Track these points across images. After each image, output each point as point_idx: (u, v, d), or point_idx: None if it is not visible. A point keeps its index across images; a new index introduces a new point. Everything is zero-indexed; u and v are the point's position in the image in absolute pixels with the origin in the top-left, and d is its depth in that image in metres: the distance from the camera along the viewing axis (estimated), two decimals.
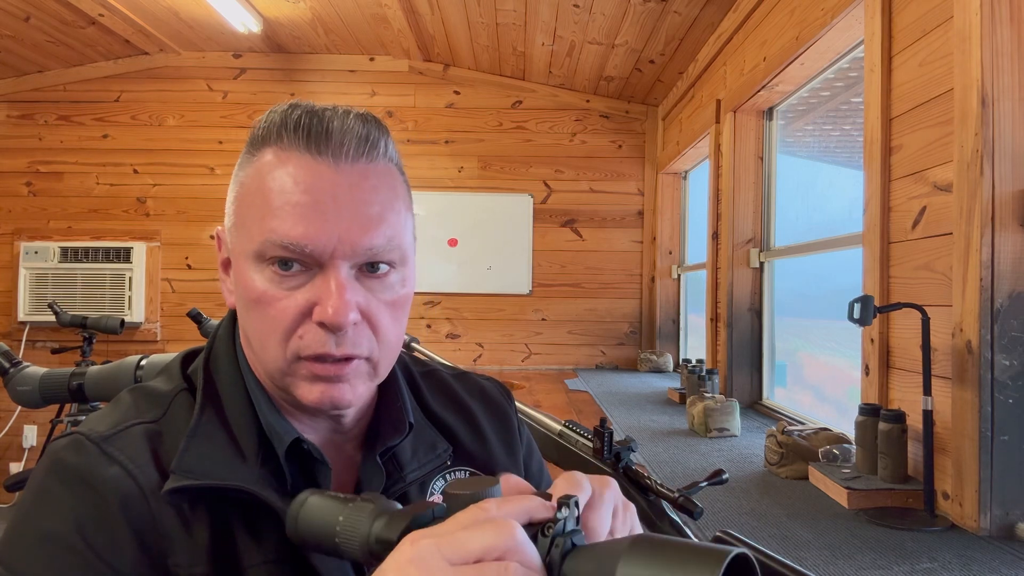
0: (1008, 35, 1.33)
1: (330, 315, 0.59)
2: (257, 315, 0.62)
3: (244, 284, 0.63)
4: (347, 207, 0.60)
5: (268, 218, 0.60)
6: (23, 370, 1.53)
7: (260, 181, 0.62)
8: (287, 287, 0.61)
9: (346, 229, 0.60)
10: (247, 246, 0.62)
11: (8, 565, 0.56)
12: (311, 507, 0.51)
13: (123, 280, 4.18)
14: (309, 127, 0.61)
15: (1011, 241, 1.32)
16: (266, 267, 0.61)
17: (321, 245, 0.59)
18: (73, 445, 0.60)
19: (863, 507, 1.46)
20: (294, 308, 0.60)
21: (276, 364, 0.62)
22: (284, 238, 0.59)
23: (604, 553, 0.43)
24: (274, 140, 0.63)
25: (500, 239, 4.29)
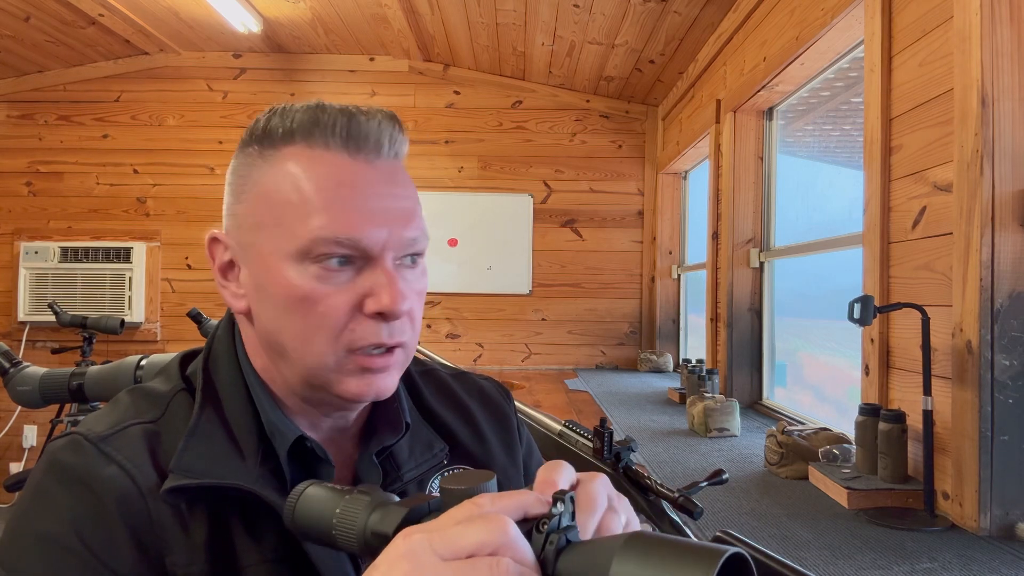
0: (1008, 35, 1.33)
1: (388, 303, 0.60)
2: (299, 314, 0.62)
3: (282, 284, 0.62)
4: (388, 202, 0.63)
5: (314, 215, 0.60)
6: (23, 370, 1.53)
7: (295, 179, 0.62)
8: (334, 283, 0.61)
9: (393, 223, 0.62)
10: (286, 245, 0.61)
11: (6, 565, 0.56)
12: (309, 498, 0.52)
13: (123, 280, 4.18)
14: (347, 128, 0.62)
15: (1011, 241, 1.32)
16: (310, 265, 0.61)
17: (374, 239, 0.61)
18: (71, 445, 0.61)
19: (863, 507, 1.46)
20: (345, 303, 0.61)
21: (322, 360, 0.62)
22: (338, 233, 0.60)
23: (599, 550, 0.43)
24: (302, 139, 0.63)
25: (500, 239, 4.29)
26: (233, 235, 0.66)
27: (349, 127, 0.62)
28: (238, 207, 0.66)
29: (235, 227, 0.66)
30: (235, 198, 0.66)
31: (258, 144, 0.65)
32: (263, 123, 0.65)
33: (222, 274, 0.68)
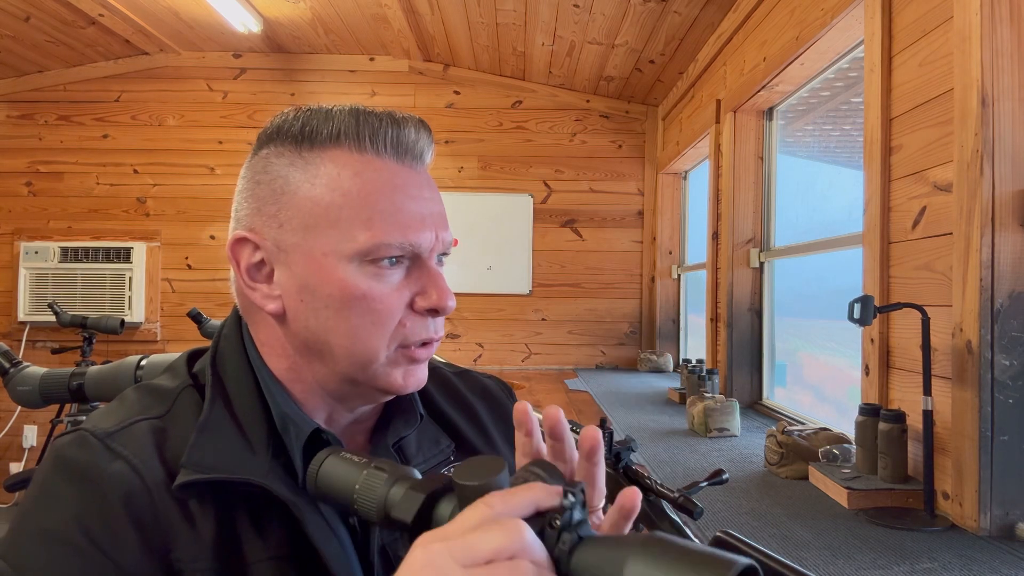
0: (1008, 35, 1.33)
1: (439, 301, 0.65)
2: (355, 312, 0.64)
3: (334, 283, 0.64)
4: (432, 208, 0.67)
5: (378, 220, 0.64)
6: (23, 370, 1.53)
7: (351, 184, 0.64)
8: (389, 282, 0.65)
9: (437, 226, 0.67)
10: (345, 246, 0.63)
11: (12, 562, 0.56)
12: (329, 468, 0.55)
13: (123, 280, 4.18)
14: (396, 137, 0.66)
15: (1011, 241, 1.32)
16: (369, 266, 0.64)
17: (425, 241, 0.65)
18: (77, 441, 0.61)
19: (863, 507, 1.46)
20: (400, 301, 0.65)
21: (375, 355, 0.65)
22: (402, 239, 0.64)
23: (613, 548, 0.43)
24: (348, 142, 0.65)
25: (500, 239, 4.29)
26: (268, 236, 0.66)
27: (398, 135, 0.66)
28: (273, 207, 0.65)
29: (271, 228, 0.65)
30: (272, 197, 0.65)
31: (294, 144, 0.65)
32: (300, 124, 0.66)
33: (250, 275, 0.67)
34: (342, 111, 0.66)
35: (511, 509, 0.44)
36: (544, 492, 0.46)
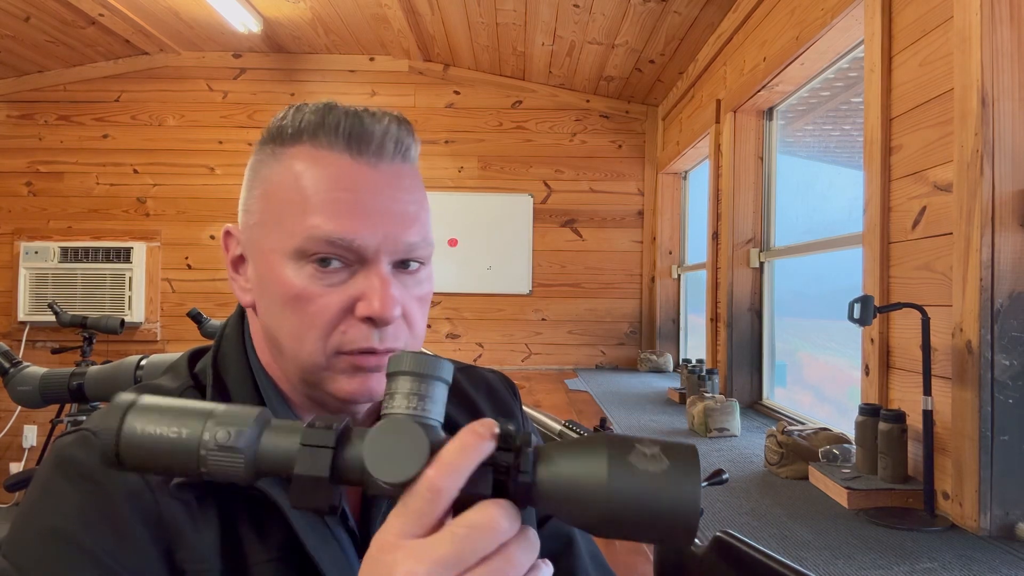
0: (1008, 35, 1.33)
1: (378, 309, 0.60)
2: (293, 312, 0.62)
3: (278, 281, 0.63)
4: (388, 205, 0.62)
5: (311, 215, 0.61)
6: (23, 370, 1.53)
7: (297, 179, 0.62)
8: (328, 283, 0.62)
9: (389, 226, 0.62)
10: (284, 243, 0.62)
11: (14, 561, 0.56)
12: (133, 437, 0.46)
13: (123, 280, 4.18)
14: (351, 129, 0.63)
15: (1011, 241, 1.32)
16: (305, 264, 0.62)
17: (367, 240, 0.61)
18: (80, 441, 0.60)
19: (863, 507, 1.46)
20: (336, 304, 0.62)
21: (313, 359, 0.63)
22: (331, 234, 0.60)
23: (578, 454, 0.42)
24: (308, 139, 0.63)
25: (500, 239, 4.29)
26: (243, 230, 0.67)
27: (352, 127, 0.63)
28: (249, 203, 0.67)
29: (245, 223, 0.67)
30: (247, 193, 0.67)
31: (271, 142, 0.66)
32: (278, 121, 0.66)
33: (233, 267, 0.69)
34: (313, 107, 0.65)
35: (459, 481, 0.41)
36: (474, 436, 0.42)
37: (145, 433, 0.45)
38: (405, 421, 0.43)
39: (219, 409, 0.45)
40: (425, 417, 0.44)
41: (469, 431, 0.43)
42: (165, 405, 0.46)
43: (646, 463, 0.41)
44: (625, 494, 0.41)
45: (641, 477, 0.41)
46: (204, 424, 0.44)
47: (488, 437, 0.43)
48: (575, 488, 0.41)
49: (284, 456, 0.44)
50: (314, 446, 0.43)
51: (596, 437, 0.43)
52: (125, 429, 0.45)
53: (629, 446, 0.42)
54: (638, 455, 0.42)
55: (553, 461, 0.43)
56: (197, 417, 0.45)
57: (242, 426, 0.44)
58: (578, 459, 0.42)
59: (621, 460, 0.41)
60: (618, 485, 0.41)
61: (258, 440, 0.44)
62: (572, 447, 0.43)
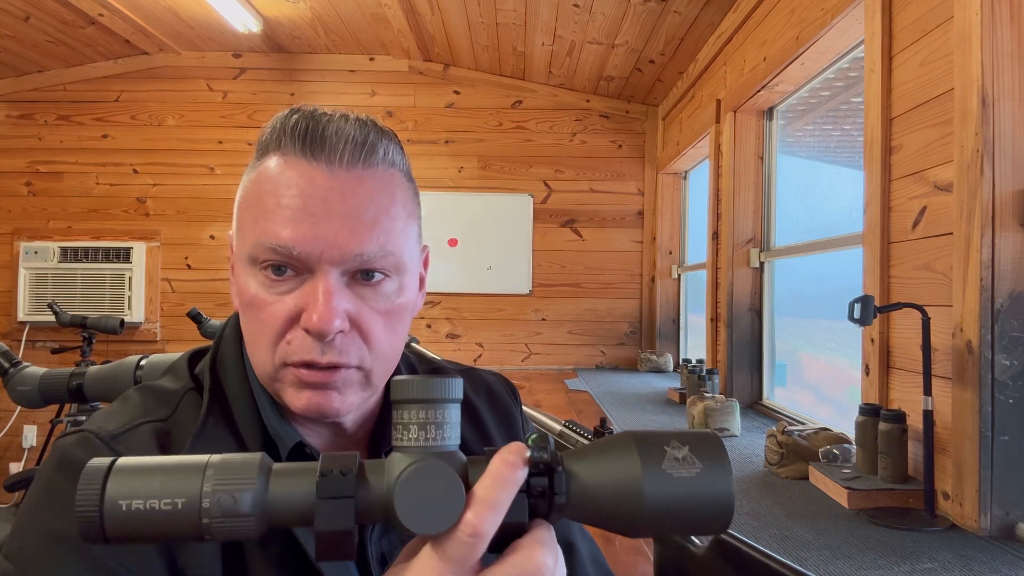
0: (1008, 35, 1.33)
1: (315, 322, 0.58)
2: (249, 318, 0.63)
3: (240, 287, 0.63)
4: (338, 212, 0.59)
5: (260, 221, 0.60)
6: (23, 370, 1.53)
7: (258, 186, 0.62)
8: (278, 291, 0.60)
9: (335, 234, 0.59)
10: (243, 249, 0.63)
11: (16, 562, 0.56)
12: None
13: (123, 280, 4.18)
14: (305, 131, 0.60)
15: (1011, 241, 1.32)
16: (259, 271, 0.61)
17: (308, 249, 0.58)
18: (82, 443, 0.60)
19: (863, 507, 1.46)
20: (283, 313, 0.60)
21: (265, 368, 0.62)
22: (273, 240, 0.59)
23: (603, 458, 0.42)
24: (275, 147, 0.63)
25: (500, 239, 4.29)
26: (232, 236, 0.68)
27: (307, 130, 0.61)
28: (234, 211, 0.67)
29: (232, 229, 0.68)
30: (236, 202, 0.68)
31: (256, 151, 0.66)
32: (263, 130, 0.66)
33: (231, 271, 0.70)
34: (284, 113, 0.64)
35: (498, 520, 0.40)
36: (508, 467, 0.41)
37: (134, 509, 0.40)
38: (434, 465, 0.41)
39: (212, 467, 0.41)
40: (443, 446, 0.43)
41: (502, 462, 0.41)
42: (148, 467, 0.41)
43: (679, 468, 0.41)
44: (661, 502, 0.41)
45: (676, 484, 0.41)
46: (200, 488, 0.40)
47: (521, 465, 0.41)
48: (611, 502, 0.41)
49: (298, 508, 0.41)
50: (334, 498, 0.41)
51: (624, 442, 0.42)
52: (108, 505, 0.40)
53: (660, 452, 0.42)
54: (670, 461, 0.41)
55: (586, 476, 0.42)
56: (190, 480, 0.40)
57: (245, 484, 0.40)
58: (611, 472, 0.42)
59: (655, 469, 0.41)
60: (654, 494, 0.41)
61: (265, 495, 0.41)
62: (602, 458, 0.42)
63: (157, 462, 0.41)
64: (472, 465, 0.43)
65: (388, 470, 0.42)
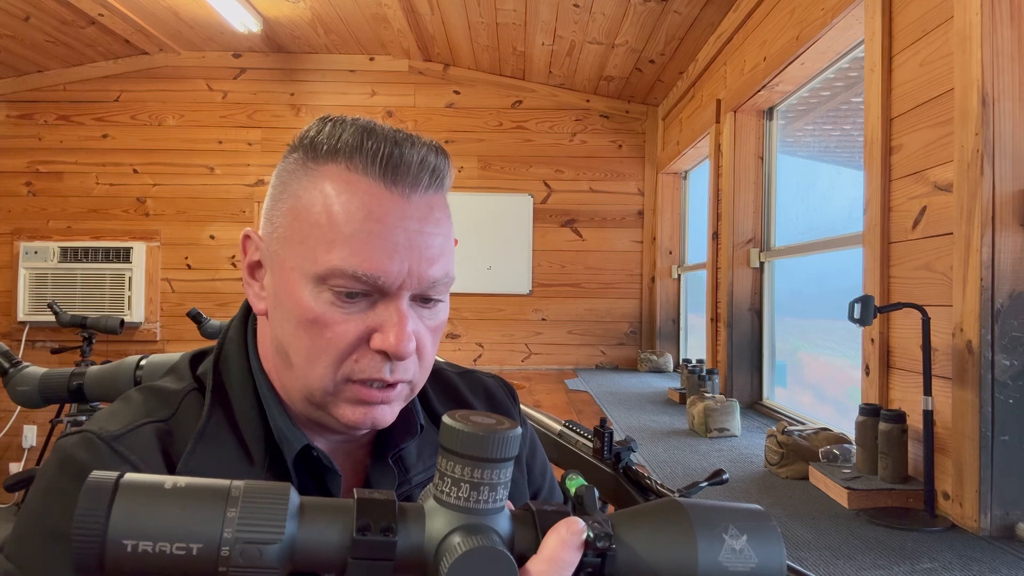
0: (1008, 35, 1.33)
1: (393, 344, 0.59)
2: (309, 334, 0.61)
3: (295, 301, 0.61)
4: (416, 241, 0.61)
5: (339, 245, 0.59)
6: (23, 370, 1.53)
7: (328, 202, 0.60)
8: (346, 312, 0.60)
9: (415, 263, 0.60)
10: (307, 266, 0.60)
11: (18, 562, 0.56)
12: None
13: (123, 280, 4.18)
14: (388, 157, 0.60)
15: (1011, 241, 1.32)
16: (327, 290, 0.60)
17: (392, 278, 0.59)
18: (83, 443, 0.60)
19: (863, 507, 1.46)
20: (354, 333, 0.60)
21: (322, 384, 0.62)
22: (358, 269, 0.59)
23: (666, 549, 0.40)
24: (343, 160, 0.61)
25: (500, 239, 4.29)
26: (265, 239, 0.66)
27: (391, 156, 0.60)
28: (274, 213, 0.65)
29: (268, 233, 0.65)
30: (273, 203, 0.65)
31: (303, 153, 0.63)
32: (313, 133, 0.63)
33: (250, 272, 0.68)
34: (353, 125, 0.63)
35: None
36: (566, 550, 0.40)
37: (140, 552, 0.34)
38: (490, 550, 0.38)
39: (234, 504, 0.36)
40: (491, 509, 0.40)
41: (560, 543, 0.40)
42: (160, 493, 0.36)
43: (736, 561, 0.40)
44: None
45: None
46: (220, 533, 0.35)
47: (577, 547, 0.40)
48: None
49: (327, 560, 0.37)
50: (370, 559, 0.37)
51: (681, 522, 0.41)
52: (111, 542, 0.34)
53: (719, 540, 0.40)
54: (728, 552, 0.40)
55: (639, 559, 0.40)
56: (209, 521, 0.35)
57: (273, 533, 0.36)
58: (666, 556, 0.40)
59: (712, 561, 0.40)
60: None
61: (294, 543, 0.37)
62: (658, 537, 0.40)
63: (170, 487, 0.36)
64: (519, 529, 0.41)
65: (429, 525, 0.39)
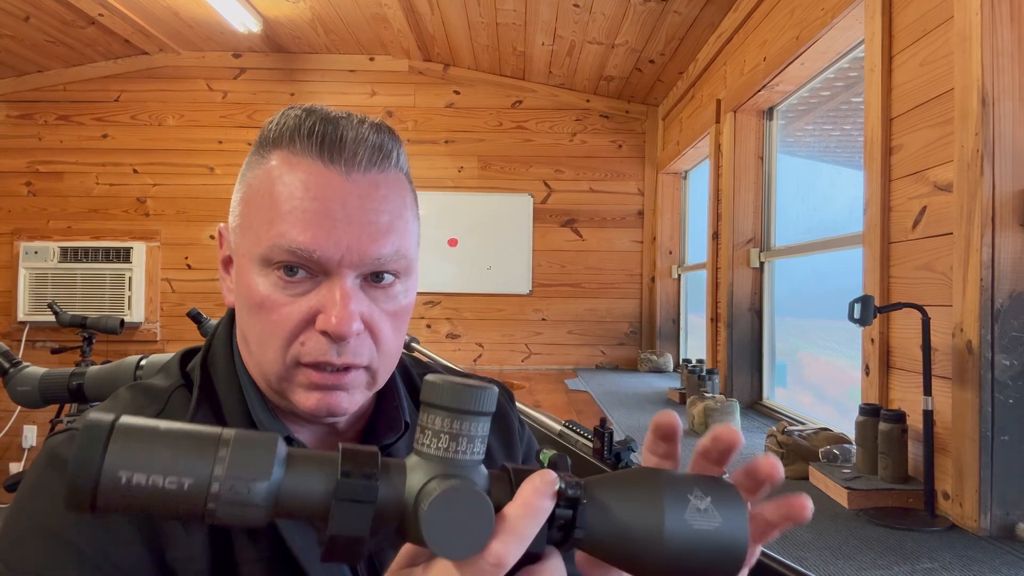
0: (1008, 35, 1.33)
1: (334, 324, 0.58)
2: (258, 319, 0.62)
3: (247, 286, 0.62)
4: (357, 216, 0.60)
5: (277, 222, 0.60)
6: (23, 370, 1.53)
7: (269, 185, 0.61)
8: (291, 293, 0.60)
9: (355, 238, 0.59)
10: (253, 249, 0.62)
11: (6, 559, 0.56)
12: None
13: (123, 280, 4.18)
14: (323, 134, 0.60)
15: (1011, 241, 1.32)
16: (271, 272, 0.61)
17: (329, 252, 0.59)
18: (71, 441, 0.61)
19: (863, 507, 1.46)
20: (297, 315, 0.60)
21: (274, 368, 0.62)
22: (292, 243, 0.59)
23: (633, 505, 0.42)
24: (286, 144, 0.62)
25: (500, 239, 4.29)
26: (230, 232, 0.67)
27: (325, 134, 0.60)
28: (234, 205, 0.66)
29: (231, 224, 0.67)
30: (234, 196, 0.67)
31: (258, 145, 0.65)
32: (267, 124, 0.65)
33: (224, 267, 0.69)
34: (296, 110, 0.63)
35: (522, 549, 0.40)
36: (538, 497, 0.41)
37: (133, 484, 0.36)
38: (467, 489, 0.39)
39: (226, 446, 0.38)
40: (468, 460, 0.41)
41: (533, 491, 0.41)
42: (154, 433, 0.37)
43: (700, 520, 0.42)
44: (679, 552, 0.41)
45: (696, 535, 0.41)
46: (211, 471, 0.37)
47: (551, 496, 0.41)
48: (628, 544, 0.41)
49: (312, 505, 0.39)
50: (352, 500, 0.39)
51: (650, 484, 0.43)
52: (106, 474, 0.36)
53: (684, 500, 0.42)
54: (692, 511, 0.42)
55: (609, 515, 0.42)
56: (201, 459, 0.37)
57: (260, 474, 0.38)
58: (633, 514, 0.42)
59: (678, 519, 0.41)
60: (673, 545, 0.41)
61: (280, 487, 0.39)
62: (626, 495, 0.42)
63: (165, 428, 0.38)
64: (495, 483, 0.42)
65: (409, 476, 0.41)
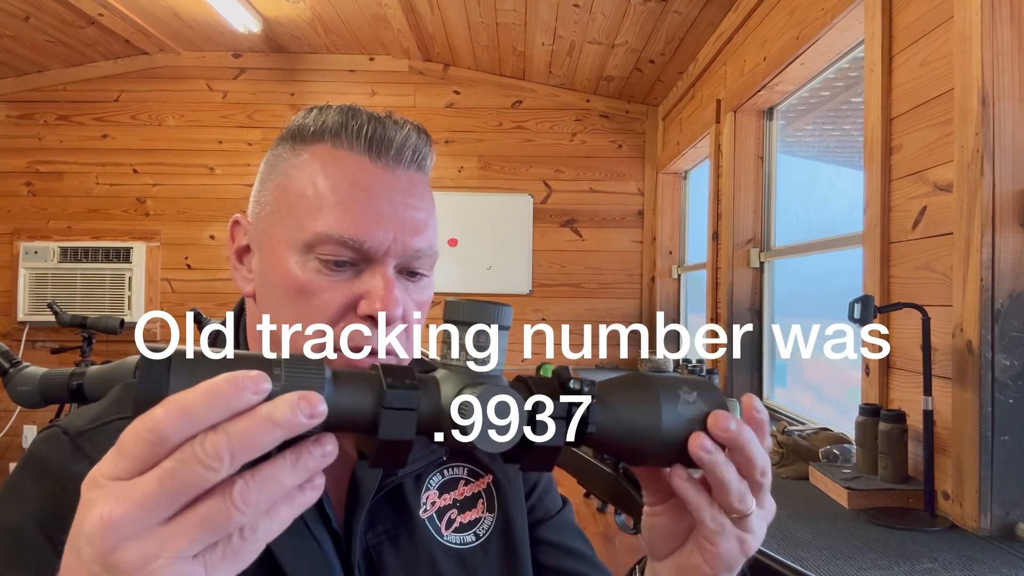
0: (1008, 35, 1.33)
1: (381, 308, 0.61)
2: (295, 303, 0.62)
3: (282, 272, 0.63)
4: (401, 212, 0.63)
5: (325, 212, 0.61)
6: (23, 370, 1.53)
7: (314, 175, 0.63)
8: (333, 279, 0.62)
9: (400, 231, 0.62)
10: (293, 235, 0.62)
11: None
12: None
13: (123, 280, 4.18)
14: (372, 132, 0.64)
15: (1011, 241, 1.32)
16: (313, 259, 0.61)
17: (378, 242, 0.61)
18: (49, 438, 0.62)
19: (863, 507, 1.46)
20: (341, 300, 0.62)
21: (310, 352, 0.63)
22: (344, 233, 0.61)
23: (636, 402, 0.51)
24: (329, 139, 0.64)
25: (500, 239, 4.28)
26: (253, 221, 0.68)
27: (375, 132, 0.64)
28: (262, 194, 0.67)
29: (255, 213, 0.67)
30: (260, 186, 0.67)
31: (291, 139, 0.66)
32: (299, 120, 0.67)
33: (237, 257, 0.69)
34: (336, 108, 0.66)
35: (191, 430, 0.36)
36: (230, 386, 0.36)
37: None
38: (499, 388, 0.46)
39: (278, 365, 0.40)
40: (490, 371, 0.49)
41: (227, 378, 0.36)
42: (213, 362, 0.39)
43: (689, 409, 0.50)
44: (674, 436, 0.50)
45: (687, 422, 0.50)
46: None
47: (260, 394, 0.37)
48: (633, 435, 0.50)
49: (362, 415, 0.42)
50: (399, 408, 0.43)
51: (645, 384, 0.51)
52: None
53: (675, 396, 0.50)
54: (683, 404, 0.50)
55: (615, 412, 0.50)
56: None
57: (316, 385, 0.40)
58: (635, 409, 0.50)
59: (672, 411, 0.50)
60: (668, 432, 0.49)
61: (331, 400, 0.40)
62: (628, 398, 0.51)
63: (220, 357, 0.39)
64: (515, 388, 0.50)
65: (443, 387, 0.47)
